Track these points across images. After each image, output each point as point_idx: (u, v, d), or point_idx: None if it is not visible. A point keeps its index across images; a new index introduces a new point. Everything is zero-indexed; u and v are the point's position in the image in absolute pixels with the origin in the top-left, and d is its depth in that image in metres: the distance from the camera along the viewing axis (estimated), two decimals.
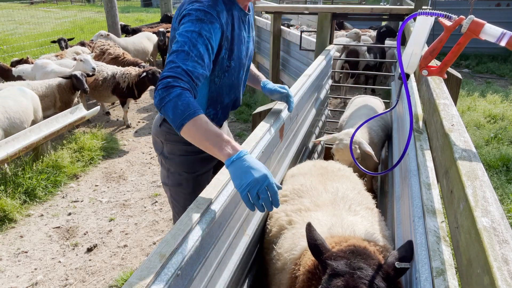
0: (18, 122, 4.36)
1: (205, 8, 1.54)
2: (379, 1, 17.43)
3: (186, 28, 1.50)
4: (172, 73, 1.40)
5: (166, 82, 1.38)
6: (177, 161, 1.96)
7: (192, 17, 1.51)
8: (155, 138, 2.02)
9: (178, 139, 1.89)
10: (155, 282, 1.02)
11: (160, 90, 1.37)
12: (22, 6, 21.42)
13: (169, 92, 1.35)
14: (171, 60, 1.45)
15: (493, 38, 1.39)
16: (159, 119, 1.98)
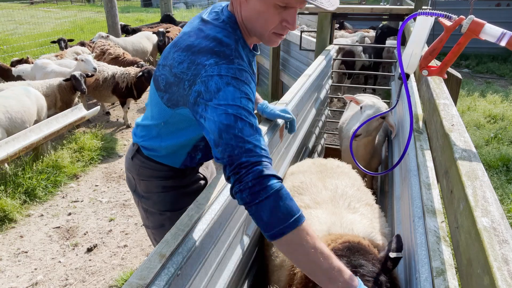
0: (19, 121, 4.37)
1: (236, 66, 1.19)
2: (379, 1, 17.43)
3: (227, 94, 1.12)
4: (255, 159, 1.06)
5: (256, 171, 1.04)
6: (156, 200, 1.68)
7: (228, 79, 1.15)
8: (128, 173, 1.74)
9: (153, 174, 1.64)
10: (155, 282, 1.02)
11: (251, 182, 1.03)
12: (22, 6, 21.41)
13: (264, 185, 1.02)
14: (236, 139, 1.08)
15: (493, 38, 1.39)
16: (131, 149, 1.68)
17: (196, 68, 1.19)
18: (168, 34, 9.22)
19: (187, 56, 1.23)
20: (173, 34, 9.49)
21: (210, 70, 1.16)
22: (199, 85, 1.17)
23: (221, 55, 1.19)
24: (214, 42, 1.22)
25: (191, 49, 1.23)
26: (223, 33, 1.25)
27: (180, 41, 1.30)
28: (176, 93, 1.29)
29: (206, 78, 1.16)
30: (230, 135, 1.09)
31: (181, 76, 1.24)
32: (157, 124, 1.49)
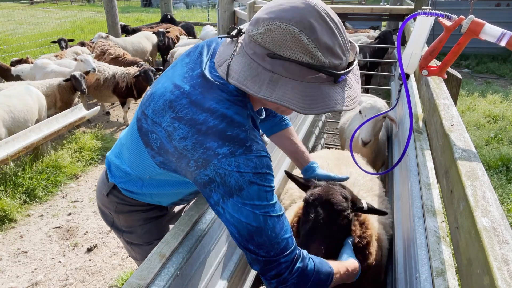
0: (22, 121, 4.38)
1: (255, 155, 1.04)
2: (379, 1, 17.43)
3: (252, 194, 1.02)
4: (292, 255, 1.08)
5: (299, 270, 1.08)
6: (140, 233, 1.56)
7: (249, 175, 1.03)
8: (102, 208, 1.60)
9: (132, 209, 1.52)
10: (155, 282, 1.02)
11: (296, 280, 1.09)
12: (22, 6, 21.41)
13: (307, 275, 1.11)
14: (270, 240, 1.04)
15: (493, 38, 1.39)
16: (106, 185, 1.50)
17: (206, 153, 1.03)
18: (168, 34, 9.21)
19: (191, 134, 1.06)
20: (173, 34, 9.49)
21: (226, 163, 1.02)
22: (211, 173, 1.03)
23: (235, 142, 1.03)
24: (224, 122, 1.05)
25: (196, 125, 1.05)
26: (234, 109, 1.07)
27: (178, 105, 1.10)
28: (175, 164, 1.14)
29: (223, 172, 1.02)
30: (263, 237, 1.04)
31: (184, 153, 1.07)
32: (139, 175, 1.35)
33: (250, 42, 1.00)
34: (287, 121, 1.75)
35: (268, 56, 0.97)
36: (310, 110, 0.98)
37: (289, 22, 0.95)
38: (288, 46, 0.95)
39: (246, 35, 1.03)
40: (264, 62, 0.98)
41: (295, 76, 0.97)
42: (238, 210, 1.02)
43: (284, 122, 1.73)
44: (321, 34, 0.96)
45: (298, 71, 0.97)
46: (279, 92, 0.97)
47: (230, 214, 1.04)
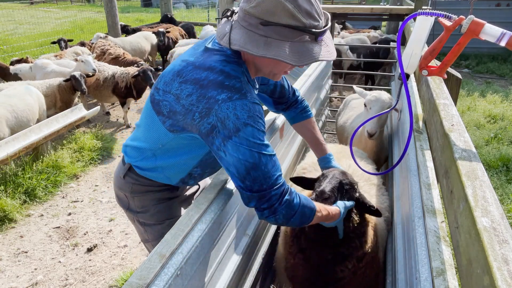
0: (25, 120, 4.38)
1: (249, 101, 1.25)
2: (379, 1, 17.43)
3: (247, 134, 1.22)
4: (281, 189, 1.29)
5: (286, 202, 1.30)
6: (153, 212, 1.71)
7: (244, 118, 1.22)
8: (118, 192, 1.75)
9: (146, 189, 1.68)
10: (155, 282, 1.02)
11: (284, 210, 1.30)
12: (22, 6, 21.41)
13: (293, 208, 1.32)
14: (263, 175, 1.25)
15: (493, 38, 1.39)
16: (122, 168, 1.68)
17: (208, 102, 1.24)
18: (168, 34, 9.21)
19: (195, 89, 1.27)
20: (173, 34, 9.48)
21: (225, 107, 1.22)
22: (213, 119, 1.23)
23: (232, 89, 1.24)
24: (222, 76, 1.26)
25: (199, 82, 1.27)
26: (230, 66, 1.29)
27: (185, 71, 1.32)
28: (182, 121, 1.33)
29: (222, 116, 1.22)
30: (258, 172, 1.24)
31: (190, 108, 1.27)
32: (154, 147, 1.51)
33: (244, 16, 1.23)
34: (309, 112, 1.93)
35: (261, 24, 1.20)
36: (300, 62, 1.21)
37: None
38: (277, 13, 1.18)
39: (240, 11, 1.25)
40: (258, 29, 1.21)
41: (284, 38, 1.21)
42: (236, 149, 1.23)
43: (306, 112, 1.92)
44: (301, 2, 1.20)
45: (287, 33, 1.20)
46: (273, 51, 1.20)
47: (230, 155, 1.24)
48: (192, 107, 1.27)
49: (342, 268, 1.69)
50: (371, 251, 1.76)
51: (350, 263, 1.69)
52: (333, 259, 1.69)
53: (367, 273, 1.78)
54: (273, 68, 1.36)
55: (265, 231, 2.16)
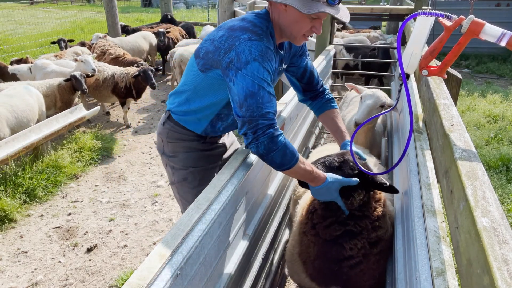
0: (25, 121, 4.39)
1: (265, 44, 1.54)
2: (379, 1, 17.42)
3: (254, 67, 1.49)
4: (269, 122, 1.49)
5: (270, 133, 1.48)
6: (181, 158, 1.99)
7: (255, 54, 1.50)
8: (158, 137, 2.05)
9: (179, 136, 1.94)
10: (155, 282, 1.02)
11: (266, 141, 1.48)
12: (22, 6, 21.40)
13: (275, 142, 1.49)
14: (257, 104, 1.48)
15: (493, 38, 1.39)
16: (163, 117, 2.01)
17: (233, 40, 1.54)
18: (168, 34, 9.20)
19: (227, 32, 1.60)
20: (173, 34, 9.47)
21: (244, 43, 1.51)
22: (232, 54, 1.52)
23: (253, 33, 1.54)
24: (249, 24, 1.59)
25: (232, 27, 1.61)
26: (258, 20, 1.63)
27: (224, 24, 1.68)
28: (211, 58, 1.62)
29: (240, 50, 1.50)
30: (253, 99, 1.48)
31: (219, 46, 1.59)
32: (188, 89, 1.81)
33: None
34: (334, 103, 2.12)
35: None
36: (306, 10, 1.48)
37: None
38: None
39: None
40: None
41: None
42: (243, 79, 1.48)
43: (331, 103, 2.10)
44: None
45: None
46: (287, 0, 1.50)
47: (236, 84, 1.50)
48: (221, 45, 1.58)
49: (351, 245, 1.70)
50: (387, 239, 1.78)
51: (359, 242, 1.70)
52: (342, 235, 1.71)
53: (381, 263, 1.78)
54: (293, 28, 1.63)
55: (265, 231, 2.16)
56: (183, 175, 2.02)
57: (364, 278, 1.76)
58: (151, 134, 6.01)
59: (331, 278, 1.79)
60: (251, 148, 1.53)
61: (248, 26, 1.57)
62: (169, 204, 4.08)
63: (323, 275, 1.80)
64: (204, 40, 1.71)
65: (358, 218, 1.71)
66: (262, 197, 2.07)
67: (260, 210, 2.00)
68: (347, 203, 1.68)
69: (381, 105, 2.93)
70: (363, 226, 1.71)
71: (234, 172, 1.58)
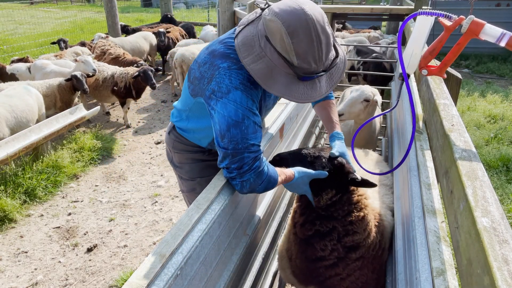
0: (24, 121, 4.38)
1: (246, 73, 1.43)
2: (379, 1, 17.43)
3: (236, 96, 1.39)
4: (255, 155, 1.42)
5: (256, 168, 1.42)
6: (187, 169, 1.98)
7: (236, 83, 1.40)
8: (166, 146, 2.05)
9: (184, 148, 1.93)
10: (155, 282, 1.02)
11: (253, 178, 1.42)
12: (22, 6, 21.40)
13: (261, 177, 1.44)
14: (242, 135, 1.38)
15: (493, 38, 1.39)
16: (169, 126, 2.00)
17: (213, 69, 1.46)
18: (168, 34, 9.20)
19: (209, 59, 1.52)
20: (173, 34, 9.47)
21: (223, 73, 1.42)
22: (213, 84, 1.44)
23: (233, 61, 1.44)
24: (231, 50, 1.47)
25: (213, 53, 1.52)
26: None
27: (210, 45, 1.60)
28: (198, 86, 1.56)
29: (219, 80, 1.42)
30: (237, 130, 1.37)
31: (204, 74, 1.51)
32: (185, 109, 1.78)
33: (263, 20, 1.37)
34: (331, 94, 2.04)
35: (265, 38, 1.35)
36: (266, 86, 1.37)
37: (283, 23, 1.28)
38: (276, 39, 1.32)
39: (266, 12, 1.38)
40: (262, 40, 1.36)
41: (274, 61, 1.35)
42: (224, 107, 1.39)
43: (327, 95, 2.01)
44: (299, 42, 1.28)
45: (276, 58, 1.34)
46: (256, 66, 1.36)
47: (218, 112, 1.41)
48: (205, 73, 1.50)
49: (321, 246, 1.69)
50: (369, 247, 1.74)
51: (329, 244, 1.68)
52: (313, 235, 1.70)
53: (365, 271, 1.76)
54: None
55: (265, 231, 2.16)
56: (191, 185, 2.02)
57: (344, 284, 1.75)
58: (151, 134, 6.01)
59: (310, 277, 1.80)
60: (234, 185, 1.46)
61: (229, 53, 1.47)
62: (169, 204, 4.08)
63: (303, 273, 1.82)
64: (195, 61, 1.63)
65: (324, 217, 1.68)
66: (262, 197, 2.07)
67: (260, 210, 2.00)
68: (315, 199, 1.67)
69: (365, 99, 3.03)
70: (330, 227, 1.67)
71: None
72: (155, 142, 5.69)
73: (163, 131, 6.09)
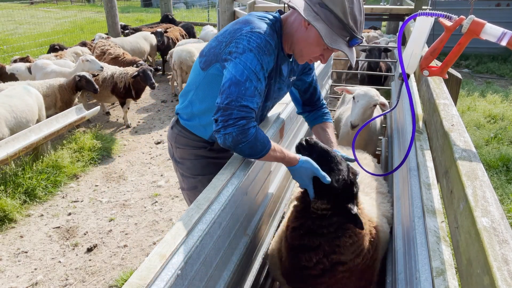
0: (24, 121, 4.38)
1: (266, 37, 1.50)
2: (379, 1, 17.42)
3: (248, 58, 1.45)
4: (244, 114, 1.43)
5: (241, 125, 1.42)
6: (189, 165, 1.96)
7: (253, 45, 1.46)
8: (168, 141, 2.04)
9: (187, 142, 1.91)
10: (155, 282, 1.02)
11: (235, 133, 1.42)
12: (22, 6, 21.40)
13: (245, 135, 1.44)
14: (239, 94, 1.42)
15: (494, 37, 1.39)
16: (172, 121, 2.00)
17: (235, 32, 1.53)
18: (168, 34, 9.20)
19: (231, 26, 1.60)
20: (173, 34, 9.47)
21: (245, 34, 1.49)
22: (232, 45, 1.50)
23: (257, 25, 1.53)
24: (255, 18, 1.58)
25: (237, 21, 1.60)
26: (268, 17, 1.61)
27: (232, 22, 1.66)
28: (212, 53, 1.62)
29: (239, 39, 1.49)
30: (236, 88, 1.43)
31: (222, 40, 1.58)
32: (191, 89, 1.79)
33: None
34: (328, 117, 2.10)
35: (319, 4, 1.47)
36: (331, 44, 1.46)
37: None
38: (336, 2, 1.45)
39: None
40: (315, 6, 1.48)
41: (328, 23, 1.47)
42: (234, 66, 1.46)
43: (325, 117, 2.08)
44: (353, 6, 1.46)
45: (333, 21, 1.46)
46: (317, 25, 1.45)
47: (228, 71, 1.47)
48: (223, 39, 1.57)
49: (306, 258, 1.67)
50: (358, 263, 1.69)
51: (314, 257, 1.65)
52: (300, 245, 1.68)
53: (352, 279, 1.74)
54: (304, 48, 1.60)
55: (265, 231, 2.16)
56: (192, 183, 2.00)
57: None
58: (151, 134, 6.01)
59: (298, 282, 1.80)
60: (217, 138, 1.48)
61: (253, 20, 1.56)
62: (169, 204, 4.08)
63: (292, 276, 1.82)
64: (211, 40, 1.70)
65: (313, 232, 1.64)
66: (262, 197, 2.07)
67: (260, 210, 2.00)
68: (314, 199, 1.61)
69: (374, 104, 2.94)
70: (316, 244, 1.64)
71: (234, 172, 1.58)
72: (155, 142, 5.69)
73: (163, 131, 6.09)
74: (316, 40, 1.53)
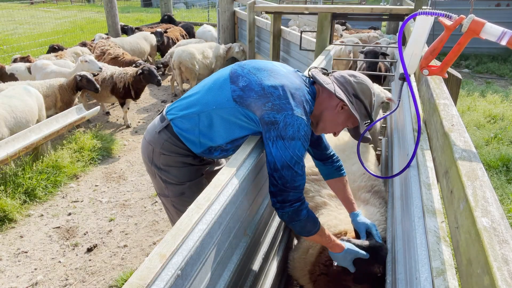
0: (24, 121, 4.38)
1: (308, 125, 1.61)
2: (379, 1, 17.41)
3: (296, 145, 1.55)
4: (299, 195, 1.61)
5: (296, 207, 1.60)
6: (175, 173, 1.89)
7: (301, 134, 1.56)
8: (149, 145, 1.89)
9: (175, 150, 1.83)
10: (155, 282, 1.02)
11: (291, 212, 1.60)
12: (22, 6, 21.40)
13: (298, 215, 1.62)
14: (292, 177, 1.56)
15: (494, 37, 1.39)
16: (158, 124, 1.86)
17: (286, 105, 1.57)
18: (168, 34, 9.19)
19: (282, 90, 1.60)
20: (174, 34, 9.47)
21: (295, 118, 1.55)
22: (280, 118, 1.55)
23: (305, 113, 1.60)
24: (304, 98, 1.64)
25: (288, 87, 1.61)
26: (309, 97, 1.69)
27: (277, 70, 1.69)
28: (252, 99, 1.62)
29: (290, 122, 1.54)
30: (289, 172, 1.56)
31: (269, 96, 1.59)
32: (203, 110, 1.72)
33: (345, 82, 1.73)
34: (343, 171, 2.12)
35: (353, 95, 1.71)
36: (362, 122, 1.72)
37: (369, 85, 1.76)
38: (366, 95, 1.73)
39: (343, 78, 1.74)
40: (351, 97, 1.71)
41: (358, 111, 1.72)
42: (284, 148, 1.54)
43: (340, 171, 2.10)
44: (372, 100, 1.77)
45: (362, 110, 1.74)
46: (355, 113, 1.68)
47: (276, 149, 1.55)
48: (271, 96, 1.58)
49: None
50: None
51: None
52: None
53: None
54: (330, 125, 1.77)
55: (265, 231, 2.16)
56: (179, 190, 1.94)
57: None
58: None
59: None
60: (277, 212, 1.66)
61: (303, 101, 1.61)
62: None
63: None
64: (248, 71, 1.68)
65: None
66: (262, 197, 2.07)
67: (260, 210, 2.00)
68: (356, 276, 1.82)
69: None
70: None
71: (234, 172, 1.58)
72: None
73: None
74: (344, 122, 1.75)
